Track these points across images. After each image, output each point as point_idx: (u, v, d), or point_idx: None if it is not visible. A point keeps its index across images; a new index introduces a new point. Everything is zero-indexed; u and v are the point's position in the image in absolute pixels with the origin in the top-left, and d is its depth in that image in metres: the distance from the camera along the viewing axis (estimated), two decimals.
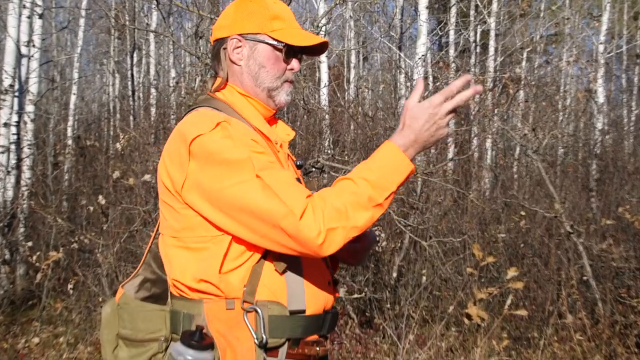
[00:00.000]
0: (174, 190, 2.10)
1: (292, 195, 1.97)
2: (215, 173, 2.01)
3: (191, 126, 2.10)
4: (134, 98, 17.23)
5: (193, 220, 2.08)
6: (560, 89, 13.27)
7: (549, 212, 7.20)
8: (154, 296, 2.32)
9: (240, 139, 2.06)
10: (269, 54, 2.29)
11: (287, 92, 2.35)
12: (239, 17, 2.32)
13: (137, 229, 7.12)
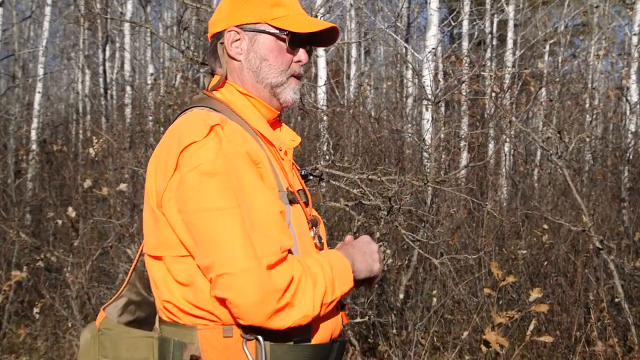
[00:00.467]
0: (155, 200, 2.10)
1: (266, 246, 1.95)
2: (191, 194, 2.00)
3: (185, 130, 2.09)
4: (106, 97, 17.24)
5: (170, 237, 2.08)
6: (588, 86, 13.28)
7: (575, 226, 7.22)
8: (139, 320, 2.33)
9: (235, 149, 2.07)
10: (272, 44, 2.29)
11: (294, 89, 2.34)
12: (236, 8, 2.32)
13: (111, 245, 7.14)
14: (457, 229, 8.59)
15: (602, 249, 7.11)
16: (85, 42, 21.70)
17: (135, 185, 8.39)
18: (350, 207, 6.49)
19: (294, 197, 2.23)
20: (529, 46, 16.17)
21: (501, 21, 18.35)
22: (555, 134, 7.74)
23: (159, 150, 2.16)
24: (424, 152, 8.78)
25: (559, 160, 7.19)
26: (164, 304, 2.13)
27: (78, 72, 21.23)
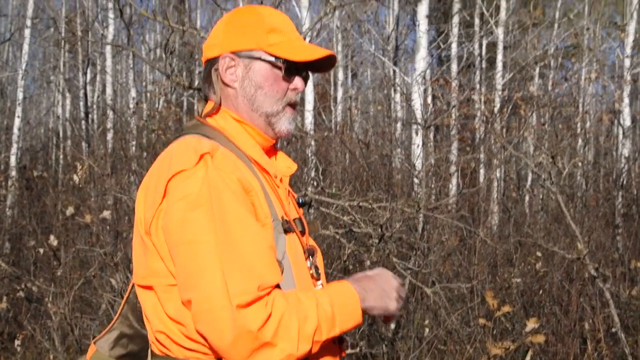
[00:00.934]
0: (144, 227, 2.09)
1: (241, 285, 1.93)
2: (175, 225, 1.99)
3: (176, 157, 2.08)
4: (87, 121, 17.21)
5: (158, 266, 2.07)
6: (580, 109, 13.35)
7: (570, 253, 7.23)
8: (131, 354, 2.33)
9: (219, 184, 2.03)
10: (267, 72, 2.28)
11: (290, 119, 2.32)
12: (231, 33, 2.31)
13: (94, 274, 7.09)
14: (448, 257, 8.58)
15: (597, 277, 7.12)
16: (66, 64, 21.68)
17: (118, 212, 8.36)
18: (341, 235, 6.48)
19: (289, 226, 2.21)
20: (519, 69, 16.23)
21: (490, 43, 18.45)
22: (549, 159, 7.76)
23: (149, 177, 2.16)
24: (414, 177, 8.79)
25: (552, 186, 7.20)
26: (156, 335, 2.11)
27: (58, 96, 21.18)
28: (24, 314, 7.57)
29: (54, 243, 7.40)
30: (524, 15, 17.89)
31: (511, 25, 17.78)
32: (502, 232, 10.15)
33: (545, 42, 18.64)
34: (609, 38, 18.74)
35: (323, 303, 2.03)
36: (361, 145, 9.21)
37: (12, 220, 11.51)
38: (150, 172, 2.16)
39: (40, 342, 7.08)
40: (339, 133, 9.96)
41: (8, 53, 22.08)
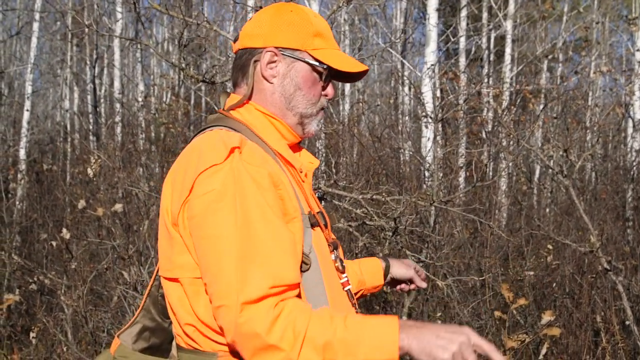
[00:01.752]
0: (172, 223, 2.09)
1: (255, 281, 1.90)
2: (199, 218, 2.00)
3: (207, 150, 2.07)
4: (95, 114, 17.22)
5: (186, 259, 2.07)
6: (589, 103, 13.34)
7: (582, 246, 7.22)
8: (153, 347, 2.33)
9: (245, 179, 2.02)
10: (307, 74, 2.29)
11: (319, 121, 2.36)
12: (277, 28, 2.30)
13: (107, 267, 7.10)
14: (459, 250, 8.57)
15: (610, 270, 7.10)
16: (73, 58, 21.69)
17: (128, 205, 8.37)
18: (354, 228, 6.48)
19: (315, 220, 2.23)
20: (527, 62, 16.19)
21: (498, 36, 18.42)
22: (559, 152, 7.75)
23: (175, 170, 2.15)
24: (425, 171, 8.78)
25: (565, 179, 7.19)
26: (183, 327, 2.11)
27: (65, 89, 21.18)
28: (40, 307, 7.57)
29: (66, 236, 7.40)
30: (532, 8, 17.85)
31: (519, 18, 17.75)
32: (512, 225, 10.13)
33: (553, 36, 18.62)
34: (619, 31, 18.69)
35: (349, 321, 1.91)
36: (373, 139, 9.20)
37: (22, 213, 11.53)
38: (177, 165, 2.16)
39: (54, 335, 7.09)
40: (349, 126, 9.93)
41: (15, 47, 22.06)
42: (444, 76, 11.43)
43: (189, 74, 5.75)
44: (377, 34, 19.24)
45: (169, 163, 9.42)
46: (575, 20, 18.22)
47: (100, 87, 20.38)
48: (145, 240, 6.98)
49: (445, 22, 19.88)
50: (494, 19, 16.90)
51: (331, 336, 1.86)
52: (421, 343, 1.86)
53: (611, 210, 10.31)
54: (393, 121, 12.41)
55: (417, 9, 19.01)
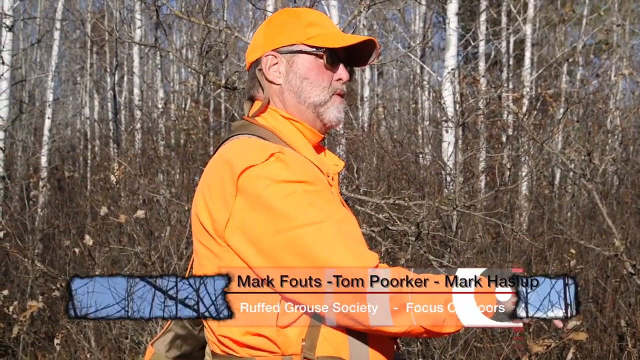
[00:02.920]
0: (214, 230, 2.08)
1: (365, 253, 1.98)
2: (270, 213, 1.99)
3: (238, 155, 2.08)
4: (116, 122, 17.29)
5: (238, 264, 2.06)
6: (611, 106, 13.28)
7: (606, 250, 7.17)
8: (185, 355, 2.34)
9: (301, 171, 2.05)
10: (310, 63, 2.30)
11: (339, 107, 2.33)
12: (270, 33, 2.34)
13: (130, 273, 7.11)
14: (481, 254, 8.55)
15: (634, 273, 7.05)
16: (93, 66, 21.78)
17: (150, 212, 8.38)
18: (377, 233, 6.47)
19: None
20: (547, 66, 16.14)
21: (517, 40, 18.36)
22: (581, 156, 7.71)
23: (207, 180, 2.15)
24: (447, 175, 8.76)
25: (588, 183, 7.14)
26: (219, 337, 2.11)
27: (86, 97, 21.28)
28: (62, 313, 7.59)
29: (88, 242, 7.42)
30: (551, 11, 17.80)
31: (539, 22, 17.70)
32: (535, 230, 10.09)
33: (572, 39, 18.55)
34: (639, 34, 18.61)
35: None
36: (394, 143, 9.19)
37: (45, 220, 11.56)
38: (207, 175, 2.17)
39: (77, 341, 7.11)
40: (370, 131, 9.92)
41: (36, 55, 22.17)
42: (463, 80, 11.42)
43: (212, 80, 5.76)
44: (396, 39, 19.22)
45: (190, 169, 9.44)
46: (595, 24, 18.14)
47: (120, 94, 20.45)
48: (167, 247, 6.99)
49: (465, 27, 19.83)
50: (513, 22, 16.86)
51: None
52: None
53: (634, 213, 10.24)
54: (413, 126, 12.39)
55: (436, 13, 18.99)
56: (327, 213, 2.01)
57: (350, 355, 2.06)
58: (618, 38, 18.61)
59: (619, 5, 17.61)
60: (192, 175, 9.24)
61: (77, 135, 21.18)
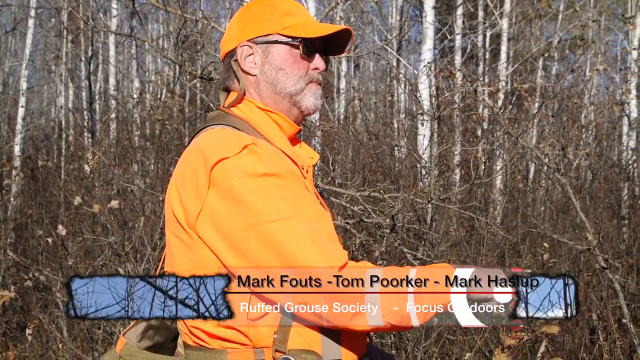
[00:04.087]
0: (186, 221, 2.07)
1: (334, 251, 1.97)
2: (242, 207, 1.98)
3: (213, 146, 2.07)
4: (91, 111, 17.19)
5: (208, 258, 2.06)
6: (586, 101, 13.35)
7: (579, 244, 7.21)
8: (157, 345, 2.33)
9: (275, 164, 2.04)
10: (286, 54, 2.28)
11: (315, 94, 2.32)
12: (245, 23, 2.32)
13: (103, 263, 7.08)
14: (455, 247, 8.57)
15: (606, 268, 7.09)
16: (68, 55, 21.63)
17: (124, 202, 8.34)
18: (351, 225, 6.46)
19: None
20: (523, 60, 16.20)
21: (493, 35, 18.41)
22: (559, 150, 7.74)
23: (180, 171, 2.14)
24: (422, 168, 8.77)
25: (562, 177, 7.18)
26: (191, 328, 2.11)
27: (60, 86, 21.13)
28: (36, 303, 7.55)
29: (62, 232, 7.37)
30: (528, 6, 17.85)
31: (515, 16, 17.75)
32: (509, 223, 10.13)
33: (549, 34, 18.62)
34: (615, 30, 18.72)
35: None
36: (370, 136, 9.19)
37: (17, 209, 11.49)
38: (181, 166, 2.15)
39: (49, 331, 7.07)
40: (346, 124, 9.92)
41: (11, 43, 21.99)
42: (439, 74, 11.44)
43: (187, 70, 5.74)
44: (373, 32, 19.21)
45: (164, 160, 9.40)
46: (571, 19, 18.23)
47: (96, 83, 20.32)
48: (141, 237, 6.96)
49: (441, 20, 19.85)
50: (489, 17, 16.90)
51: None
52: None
53: (607, 208, 10.31)
54: (389, 119, 12.40)
55: (413, 6, 19.00)
56: (298, 208, 2.00)
57: (322, 348, 2.07)
58: (593, 34, 18.70)
59: (595, 1, 17.69)
60: (167, 166, 9.20)
61: (51, 124, 21.05)
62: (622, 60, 18.82)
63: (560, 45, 17.92)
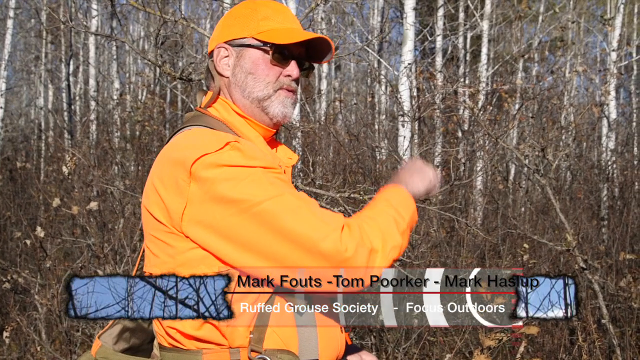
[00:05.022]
0: (170, 221, 2.05)
1: (329, 215, 1.99)
2: (229, 197, 1.97)
3: (188, 148, 2.05)
4: (70, 112, 17.11)
5: (193, 255, 2.04)
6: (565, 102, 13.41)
7: (559, 245, 7.23)
8: (133, 348, 2.31)
9: (257, 157, 2.04)
10: (258, 58, 2.27)
11: (284, 102, 2.29)
12: (227, 25, 2.32)
13: (82, 265, 7.04)
14: (435, 248, 8.57)
15: (586, 268, 7.12)
16: (48, 55, 21.53)
17: (103, 204, 8.30)
18: None
19: None
20: (503, 62, 16.25)
21: (474, 36, 18.46)
22: (538, 151, 7.76)
23: (158, 172, 2.12)
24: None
25: (542, 178, 7.20)
26: (167, 329, 2.10)
27: (40, 87, 21.04)
28: (13, 306, 7.50)
29: (40, 234, 7.33)
30: (508, 8, 17.91)
31: (495, 18, 17.80)
32: (489, 224, 10.15)
33: (529, 36, 18.68)
34: (595, 31, 18.80)
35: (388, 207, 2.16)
36: (350, 137, 9.19)
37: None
38: (159, 166, 2.13)
39: (27, 334, 7.02)
40: (326, 125, 9.92)
41: None
42: (420, 75, 11.44)
43: (166, 71, 5.70)
44: (354, 33, 19.22)
45: (144, 161, 9.37)
46: (551, 21, 18.29)
47: (75, 84, 20.24)
48: (120, 239, 6.93)
49: (422, 22, 19.87)
50: (470, 18, 16.94)
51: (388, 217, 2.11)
52: (418, 187, 2.32)
53: (586, 209, 10.35)
54: (370, 120, 12.41)
55: (393, 8, 19.00)
56: (288, 188, 2.02)
57: (299, 348, 2.06)
58: (573, 35, 18.80)
59: (574, 3, 17.78)
60: (146, 168, 9.17)
61: (30, 125, 20.94)
62: (602, 62, 18.89)
63: (540, 47, 17.97)
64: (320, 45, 2.32)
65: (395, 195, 2.22)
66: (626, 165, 12.40)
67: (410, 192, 2.27)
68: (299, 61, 2.32)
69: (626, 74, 20.20)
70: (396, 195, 2.22)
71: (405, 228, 2.11)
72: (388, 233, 2.04)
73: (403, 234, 2.09)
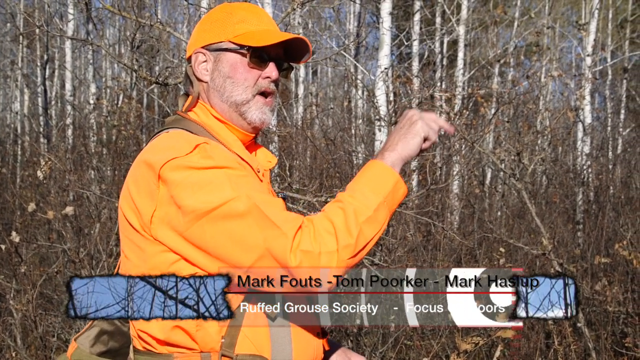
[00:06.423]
0: (140, 223, 2.05)
1: (284, 217, 1.96)
2: (193, 198, 1.97)
3: (160, 151, 2.06)
4: (46, 117, 17.01)
5: (163, 258, 2.04)
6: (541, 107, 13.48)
7: (535, 249, 7.26)
8: (112, 351, 2.30)
9: (224, 159, 2.03)
10: (235, 62, 2.27)
11: (262, 109, 2.29)
12: (203, 29, 2.33)
13: (57, 270, 7.00)
14: (412, 252, 8.59)
15: (562, 272, 7.14)
16: (24, 60, 21.41)
17: (79, 208, 8.26)
18: None
19: None
20: (479, 66, 16.31)
21: (450, 41, 18.51)
22: (514, 156, 7.79)
23: (134, 174, 2.13)
24: None
25: (517, 183, 7.22)
26: (139, 332, 2.10)
27: (16, 91, 20.91)
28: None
29: (15, 239, 7.28)
30: (484, 13, 17.98)
31: (472, 23, 17.86)
32: (465, 228, 10.18)
33: (505, 41, 18.77)
34: (570, 36, 18.91)
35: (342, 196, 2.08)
36: (327, 142, 9.20)
37: None
38: (134, 169, 2.15)
39: (2, 340, 6.97)
40: (303, 129, 9.92)
41: None
42: (396, 80, 11.45)
43: (142, 76, 5.68)
44: (330, 38, 19.23)
45: (121, 166, 9.32)
46: (527, 26, 18.38)
47: (51, 89, 20.13)
48: (96, 244, 6.89)
49: (399, 26, 19.90)
50: (447, 23, 16.98)
51: (351, 212, 2.00)
52: (402, 153, 2.14)
53: (562, 213, 10.40)
54: (346, 124, 12.42)
55: (370, 12, 19.03)
56: (247, 189, 2.00)
57: (272, 353, 2.06)
58: (548, 40, 18.88)
59: (550, 8, 17.87)
60: (123, 172, 9.12)
61: (6, 130, 20.81)
62: (577, 67, 19.00)
63: (515, 52, 18.07)
64: (298, 46, 2.32)
65: (364, 178, 2.11)
66: (601, 170, 12.46)
67: (399, 157, 2.13)
68: (278, 62, 2.32)
69: (601, 78, 20.27)
70: (366, 177, 2.12)
71: (371, 215, 2.01)
72: (341, 231, 1.98)
73: (366, 223, 2.01)
